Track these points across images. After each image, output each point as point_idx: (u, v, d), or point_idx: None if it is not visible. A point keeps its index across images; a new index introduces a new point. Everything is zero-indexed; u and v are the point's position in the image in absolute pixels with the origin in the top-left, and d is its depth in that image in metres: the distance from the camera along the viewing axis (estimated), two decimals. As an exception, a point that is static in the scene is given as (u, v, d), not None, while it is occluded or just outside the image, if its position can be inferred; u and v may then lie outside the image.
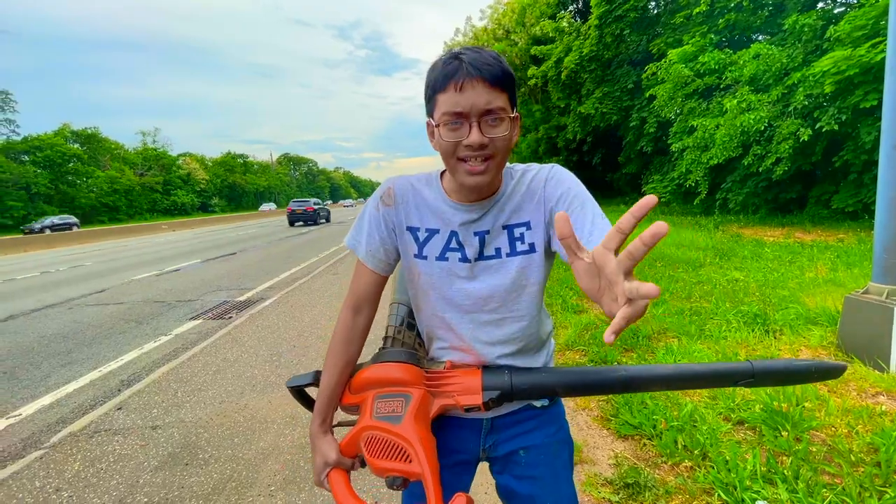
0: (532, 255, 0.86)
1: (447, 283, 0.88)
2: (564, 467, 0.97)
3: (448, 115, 0.75)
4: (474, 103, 0.73)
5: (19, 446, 2.72)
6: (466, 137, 0.75)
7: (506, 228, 0.86)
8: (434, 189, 0.90)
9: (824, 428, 2.32)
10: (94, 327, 5.20)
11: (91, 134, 49.03)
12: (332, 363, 0.92)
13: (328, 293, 6.34)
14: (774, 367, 0.86)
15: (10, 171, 36.86)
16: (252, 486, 2.19)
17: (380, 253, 0.91)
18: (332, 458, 0.88)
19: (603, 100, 18.54)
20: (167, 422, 2.87)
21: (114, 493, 2.18)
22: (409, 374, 0.88)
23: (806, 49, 10.07)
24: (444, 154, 0.79)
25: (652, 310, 4.44)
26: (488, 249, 0.87)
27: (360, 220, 0.94)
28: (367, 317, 0.94)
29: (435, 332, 0.94)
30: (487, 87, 0.73)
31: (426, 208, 0.89)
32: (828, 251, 6.82)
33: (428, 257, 0.89)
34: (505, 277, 0.87)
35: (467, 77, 0.72)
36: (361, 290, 0.93)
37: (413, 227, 0.90)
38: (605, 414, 2.65)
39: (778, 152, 9.76)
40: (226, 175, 69.58)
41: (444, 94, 0.75)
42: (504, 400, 0.87)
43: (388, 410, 0.83)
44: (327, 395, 0.91)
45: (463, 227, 0.86)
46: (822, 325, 3.70)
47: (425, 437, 0.80)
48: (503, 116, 0.75)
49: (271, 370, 3.64)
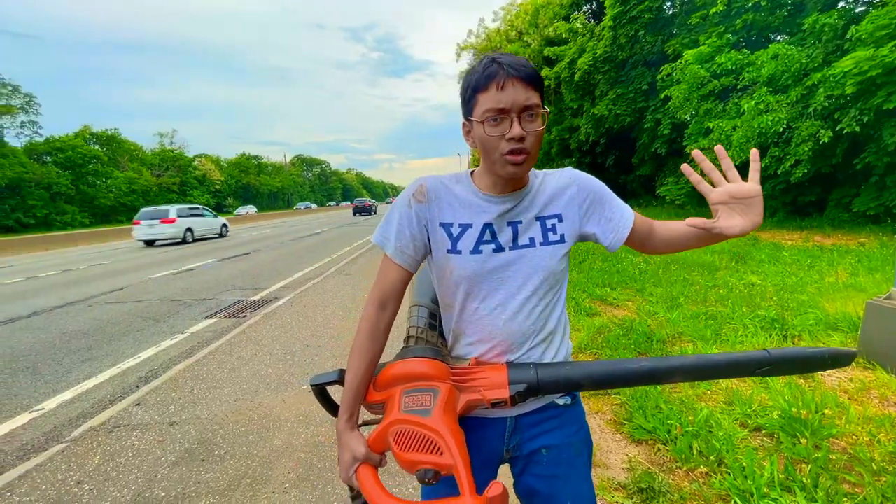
0: (562, 245, 0.93)
1: (480, 275, 0.91)
2: (585, 466, 0.98)
3: (491, 111, 0.82)
4: (515, 100, 0.81)
5: (42, 439, 2.79)
6: (509, 131, 0.82)
7: (538, 220, 0.93)
8: (465, 186, 0.95)
9: (845, 436, 2.27)
10: (113, 324, 5.31)
11: (111, 135, 50.14)
12: (358, 358, 0.92)
13: (340, 293, 6.39)
14: (790, 354, 0.89)
15: (33, 171, 37.87)
16: (266, 483, 2.22)
17: (409, 249, 0.93)
18: (362, 453, 0.87)
19: (617, 101, 18.39)
20: (184, 418, 2.93)
21: (133, 487, 2.22)
22: (436, 369, 0.88)
23: (826, 49, 9.86)
24: (486, 148, 0.86)
25: (666, 314, 4.39)
26: (522, 239, 0.92)
27: (389, 217, 0.96)
28: (392, 312, 0.96)
29: (465, 327, 0.95)
30: (524, 85, 0.82)
31: (458, 204, 0.93)
32: (848, 255, 6.66)
33: (462, 252, 0.91)
34: (537, 266, 0.91)
35: (507, 77, 0.81)
36: (388, 286, 0.94)
37: (446, 223, 0.93)
38: (618, 418, 2.62)
39: (797, 154, 9.57)
40: (240, 176, 70.56)
41: (486, 93, 0.83)
42: (530, 394, 0.88)
43: (416, 404, 0.83)
44: (353, 391, 0.92)
45: (498, 218, 0.91)
46: (843, 331, 3.62)
47: (455, 429, 0.80)
48: (538, 112, 0.84)
49: (285, 369, 3.68)
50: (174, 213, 15.94)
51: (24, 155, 38.43)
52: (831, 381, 2.93)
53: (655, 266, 6.62)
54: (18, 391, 3.52)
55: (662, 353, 3.49)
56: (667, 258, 7.14)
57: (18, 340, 4.84)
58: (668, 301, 4.85)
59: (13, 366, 4.07)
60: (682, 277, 5.86)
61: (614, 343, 3.67)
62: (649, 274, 6.13)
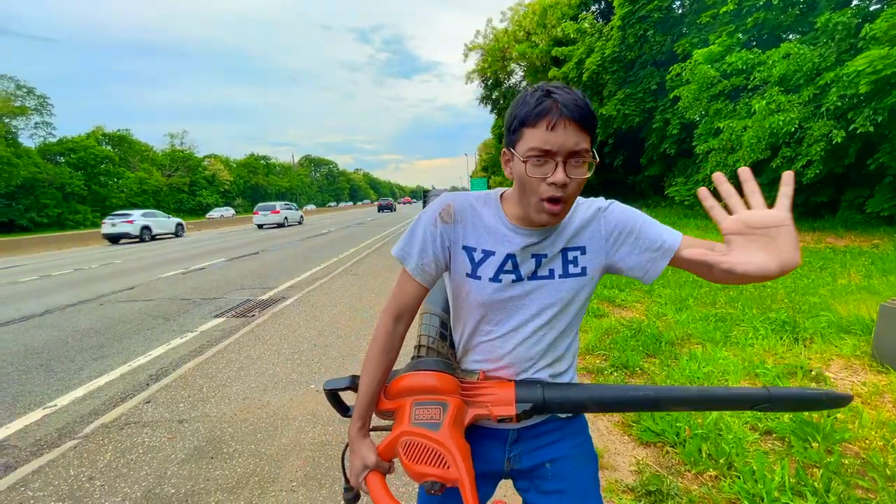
0: (583, 278, 0.91)
1: (496, 302, 0.90)
2: (592, 481, 0.97)
3: (536, 150, 0.77)
4: (563, 143, 0.75)
5: (55, 435, 2.84)
6: (552, 175, 0.77)
7: (562, 252, 0.90)
8: (493, 210, 0.91)
9: (857, 440, 2.23)
10: (124, 323, 5.38)
11: (122, 136, 50.85)
12: (372, 369, 0.93)
13: (347, 294, 6.42)
14: (788, 395, 0.90)
15: (47, 171, 38.48)
16: (275, 481, 2.24)
17: (430, 268, 0.92)
18: (372, 461, 0.90)
19: (625, 101, 18.28)
20: (193, 416, 2.96)
21: (143, 484, 2.25)
22: (446, 383, 0.90)
23: (839, 48, 9.72)
24: (524, 188, 0.82)
25: (675, 315, 4.35)
26: (542, 270, 0.90)
27: (413, 233, 0.93)
28: (406, 325, 0.97)
29: (474, 346, 0.96)
30: (577, 128, 0.76)
31: (483, 229, 0.91)
32: (861, 257, 6.56)
33: (482, 278, 0.90)
34: (554, 297, 0.90)
35: (560, 117, 0.75)
36: (405, 300, 0.94)
37: (469, 247, 0.91)
38: (626, 420, 2.61)
39: (809, 155, 9.44)
40: (249, 176, 71.17)
41: (535, 129, 0.76)
42: (535, 413, 0.90)
43: (426, 417, 0.86)
44: (367, 401, 0.93)
45: (523, 250, 0.89)
46: (856, 333, 3.57)
47: (461, 444, 0.84)
48: (587, 159, 0.79)
49: (293, 368, 3.71)
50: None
51: (37, 155, 39.07)
52: (844, 384, 2.89)
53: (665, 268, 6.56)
54: (32, 388, 3.58)
55: (671, 354, 3.46)
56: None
57: (32, 338, 4.92)
58: (677, 302, 4.82)
59: (27, 363, 4.14)
60: (692, 279, 5.81)
61: (622, 344, 3.65)
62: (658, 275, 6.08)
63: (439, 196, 0.96)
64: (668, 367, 3.22)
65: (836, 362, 3.20)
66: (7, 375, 3.85)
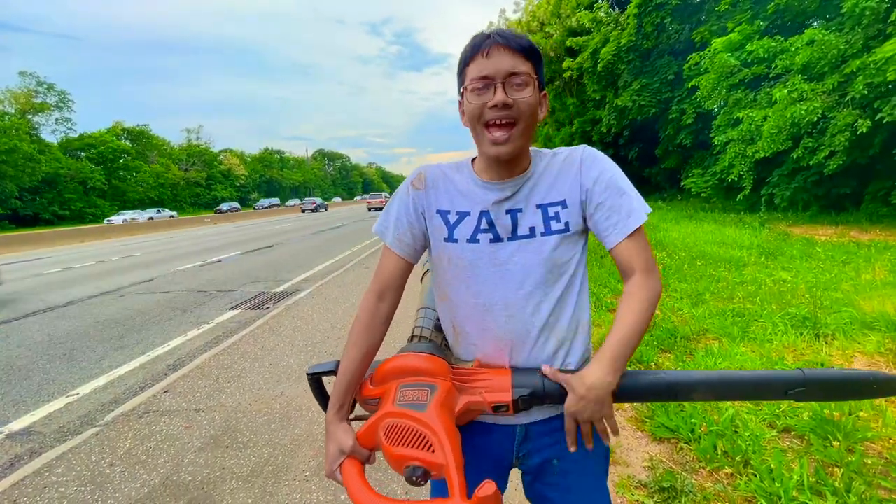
0: (567, 233, 0.85)
1: (478, 266, 0.86)
2: (599, 476, 0.93)
3: (475, 79, 0.79)
4: (499, 67, 0.77)
5: (77, 423, 2.92)
6: (492, 98, 0.78)
7: (540, 207, 0.85)
8: (465, 173, 0.91)
9: (880, 440, 2.17)
10: (143, 314, 5.50)
11: (140, 131, 51.79)
12: (352, 347, 0.89)
13: (360, 286, 6.46)
14: (827, 377, 0.79)
15: (68, 166, 39.44)
16: (288, 470, 2.27)
17: (407, 237, 0.91)
18: (348, 446, 0.83)
19: (641, 92, 17.91)
20: (209, 406, 3.01)
21: (161, 471, 2.30)
22: (435, 364, 0.84)
23: (866, 34, 9.35)
24: (471, 120, 0.82)
25: (691, 310, 4.28)
26: (521, 228, 0.85)
27: (389, 207, 0.95)
28: (391, 304, 0.92)
29: (464, 323, 0.90)
30: (511, 52, 0.78)
31: (456, 191, 0.89)
32: (887, 251, 6.35)
33: (458, 240, 0.87)
34: (539, 257, 0.84)
35: (493, 44, 0.78)
36: (386, 275, 0.92)
37: (443, 210, 0.90)
38: (640, 415, 2.58)
39: (832, 145, 9.14)
40: (263, 170, 71.99)
41: (473, 63, 0.80)
42: (535, 401, 0.82)
43: (412, 398, 0.79)
44: (345, 381, 0.88)
45: (495, 205, 0.85)
46: (880, 330, 3.46)
47: (451, 428, 0.76)
48: (527, 80, 0.78)
49: (306, 359, 3.75)
50: None
51: (59, 151, 40.04)
52: (866, 382, 2.81)
53: (680, 261, 6.46)
54: (56, 376, 3.69)
55: (686, 349, 3.41)
56: (692, 253, 6.95)
57: (55, 328, 5.06)
58: (694, 297, 4.73)
59: (50, 352, 4.27)
60: (709, 273, 5.70)
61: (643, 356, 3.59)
62: (673, 269, 5.99)
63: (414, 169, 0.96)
64: (683, 363, 3.17)
65: (859, 359, 3.11)
66: (32, 364, 3.97)
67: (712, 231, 9.37)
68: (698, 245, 7.68)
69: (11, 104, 37.96)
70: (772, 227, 9.72)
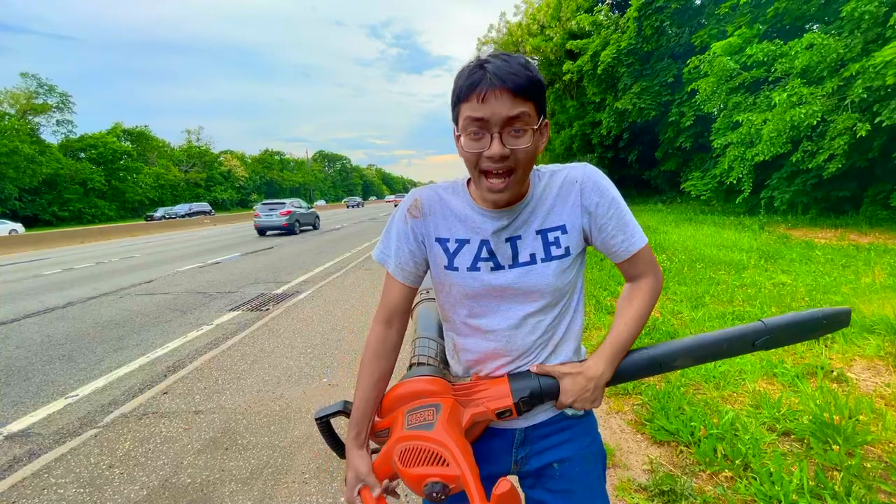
0: (567, 258, 0.85)
1: (479, 294, 0.87)
2: (598, 480, 0.95)
3: (470, 121, 0.74)
4: (496, 113, 0.72)
5: (76, 424, 2.92)
6: (488, 148, 0.74)
7: (540, 233, 0.85)
8: (461, 197, 0.89)
9: (880, 443, 2.17)
10: (143, 315, 5.50)
11: (140, 132, 51.80)
12: (365, 375, 0.91)
13: (360, 288, 6.46)
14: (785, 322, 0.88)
15: (68, 167, 39.45)
16: (287, 472, 2.27)
17: (409, 266, 0.91)
18: (363, 473, 0.86)
19: (641, 94, 17.94)
20: (209, 407, 3.01)
21: (160, 473, 2.30)
22: (436, 384, 0.87)
23: (866, 38, 9.38)
24: (466, 164, 0.80)
25: (690, 313, 4.28)
26: (522, 255, 0.85)
27: (388, 233, 0.94)
28: (399, 330, 0.95)
29: (465, 342, 0.92)
30: (511, 97, 0.72)
31: (454, 218, 0.88)
32: (887, 255, 6.36)
33: (459, 269, 0.87)
34: (541, 284, 0.85)
35: (490, 87, 0.71)
36: (393, 302, 0.93)
37: (442, 239, 0.89)
38: (639, 418, 2.58)
39: (831, 148, 9.16)
40: (264, 172, 71.97)
41: (468, 103, 0.74)
42: (535, 401, 0.85)
43: (419, 420, 0.82)
44: (361, 409, 0.90)
45: (494, 235, 0.85)
46: (880, 333, 3.46)
47: (461, 441, 0.79)
48: (526, 128, 0.74)
49: (306, 362, 3.74)
50: None
51: (59, 151, 40.05)
52: (867, 385, 2.81)
53: (680, 264, 6.47)
54: (55, 377, 3.68)
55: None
56: (692, 255, 6.96)
57: (55, 329, 5.06)
58: (693, 300, 4.73)
59: (50, 353, 4.26)
60: (708, 276, 5.70)
61: (636, 343, 3.59)
62: (673, 272, 5.99)
63: (408, 193, 0.95)
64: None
65: (859, 363, 3.12)
66: (31, 365, 3.97)
67: (712, 234, 9.38)
68: (698, 248, 7.68)
69: (11, 105, 37.99)
70: (771, 230, 9.73)
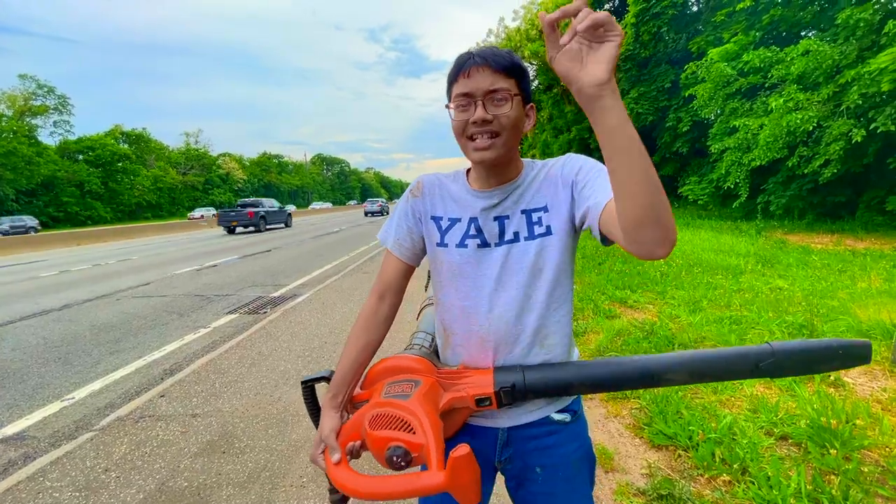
0: (549, 237, 0.88)
1: (465, 270, 0.91)
2: (584, 484, 0.95)
3: (458, 97, 0.84)
4: (479, 86, 0.82)
5: (72, 427, 2.90)
6: (473, 114, 0.83)
7: (524, 213, 0.90)
8: (459, 182, 0.97)
9: (877, 447, 2.18)
10: (140, 318, 5.48)
11: (139, 134, 51.74)
12: (352, 342, 0.96)
13: (358, 292, 6.45)
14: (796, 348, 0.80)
15: (65, 169, 39.35)
16: (285, 476, 2.26)
17: (406, 241, 0.98)
18: (325, 433, 0.88)
19: (638, 100, 18.06)
20: (206, 411, 3.00)
21: (157, 476, 2.29)
22: (421, 364, 0.89)
23: (861, 45, 9.49)
24: (456, 134, 0.88)
25: (688, 317, 4.29)
26: (507, 234, 0.90)
27: (392, 214, 1.02)
28: (391, 305, 0.98)
29: (452, 323, 0.95)
30: (492, 71, 0.82)
31: (450, 199, 0.96)
32: (882, 260, 6.41)
33: (448, 245, 0.93)
34: (523, 261, 0.89)
35: (474, 64, 0.82)
36: (387, 277, 0.98)
37: (437, 217, 0.96)
38: (638, 422, 2.58)
39: (827, 154, 9.24)
40: (262, 174, 71.95)
41: (457, 83, 0.85)
42: (518, 395, 0.85)
43: (397, 391, 0.83)
44: (342, 373, 0.93)
45: (483, 212, 0.91)
46: (876, 338, 3.48)
47: (433, 416, 0.78)
48: (507, 96, 0.82)
49: (303, 365, 3.73)
50: None
51: (56, 153, 39.95)
52: (863, 390, 2.82)
53: (677, 268, 6.48)
54: (51, 380, 3.66)
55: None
56: (689, 260, 6.98)
57: (51, 331, 5.03)
58: (691, 304, 4.75)
59: (46, 356, 4.24)
60: (706, 280, 5.72)
61: (634, 347, 3.61)
62: (671, 277, 6.01)
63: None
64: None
65: (856, 367, 3.13)
66: (27, 368, 3.94)
67: (709, 238, 9.42)
68: (695, 252, 7.71)
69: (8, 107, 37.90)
70: (768, 235, 9.78)
